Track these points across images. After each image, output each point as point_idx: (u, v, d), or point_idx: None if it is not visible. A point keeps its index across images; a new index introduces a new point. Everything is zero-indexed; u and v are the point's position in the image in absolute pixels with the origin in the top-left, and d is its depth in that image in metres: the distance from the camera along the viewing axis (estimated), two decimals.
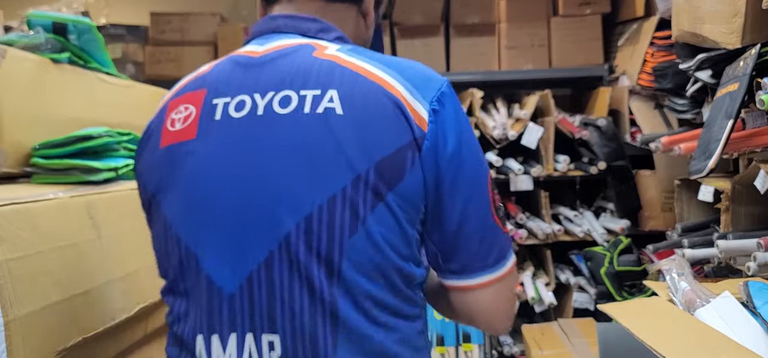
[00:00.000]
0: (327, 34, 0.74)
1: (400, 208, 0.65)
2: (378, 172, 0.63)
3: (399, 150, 0.64)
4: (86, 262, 0.89)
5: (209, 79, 0.73)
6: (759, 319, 1.17)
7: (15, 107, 1.08)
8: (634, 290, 2.60)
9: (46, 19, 1.22)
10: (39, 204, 0.82)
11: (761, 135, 1.73)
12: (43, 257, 0.81)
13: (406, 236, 0.66)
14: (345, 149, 0.63)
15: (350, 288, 0.64)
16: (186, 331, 0.69)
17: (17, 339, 0.75)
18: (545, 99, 2.76)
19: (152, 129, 0.76)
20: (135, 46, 2.95)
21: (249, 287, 0.65)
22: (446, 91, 0.69)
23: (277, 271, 0.64)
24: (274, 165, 0.65)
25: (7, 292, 0.74)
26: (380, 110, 0.65)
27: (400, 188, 0.64)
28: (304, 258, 0.63)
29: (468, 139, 0.69)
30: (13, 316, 0.75)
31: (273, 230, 0.64)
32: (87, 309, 0.89)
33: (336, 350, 0.64)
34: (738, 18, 1.68)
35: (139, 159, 0.77)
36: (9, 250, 0.75)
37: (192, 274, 0.68)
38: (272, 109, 0.66)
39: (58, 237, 0.84)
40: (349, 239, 0.63)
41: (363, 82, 0.66)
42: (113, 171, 1.11)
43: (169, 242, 0.70)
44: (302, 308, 0.64)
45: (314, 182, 0.63)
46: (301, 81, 0.67)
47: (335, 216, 0.63)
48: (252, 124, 0.66)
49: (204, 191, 0.67)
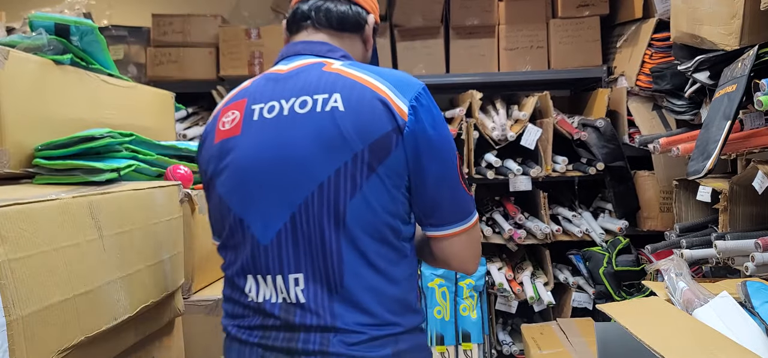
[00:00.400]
0: (334, 54, 0.99)
1: (388, 177, 0.87)
2: (371, 151, 0.86)
3: (386, 134, 0.86)
4: (88, 262, 0.90)
5: (249, 91, 0.98)
6: (757, 318, 1.18)
7: (17, 108, 1.08)
8: (633, 289, 2.61)
9: (49, 21, 1.23)
10: (41, 204, 0.82)
11: (759, 136, 1.73)
12: (45, 257, 0.81)
13: (393, 199, 0.89)
14: (346, 135, 0.86)
15: (352, 238, 0.87)
16: (236, 274, 0.94)
17: (19, 339, 0.76)
18: (544, 100, 2.77)
19: (208, 130, 1.01)
20: (137, 47, 2.95)
21: (278, 239, 0.89)
22: (422, 92, 0.91)
23: (299, 226, 0.88)
24: (295, 150, 0.88)
25: (9, 292, 0.75)
26: (371, 106, 0.87)
27: (388, 162, 0.87)
28: (318, 216, 0.87)
29: (439, 127, 0.91)
30: (15, 316, 0.75)
31: (295, 196, 0.88)
32: (89, 309, 0.89)
33: (342, 284, 0.87)
34: (736, 19, 1.68)
35: (200, 152, 1.02)
36: (11, 250, 0.75)
37: (239, 233, 0.93)
38: (294, 110, 0.90)
39: (60, 237, 0.85)
40: (350, 201, 0.86)
41: (359, 87, 0.89)
42: (115, 171, 1.12)
43: (222, 211, 0.95)
44: (317, 253, 0.87)
45: (324, 160, 0.86)
46: (314, 88, 0.90)
47: (340, 184, 0.86)
48: (279, 122, 0.90)
49: (245, 173, 0.91)
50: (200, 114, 2.99)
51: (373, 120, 0.86)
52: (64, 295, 0.85)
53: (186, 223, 1.35)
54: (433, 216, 0.94)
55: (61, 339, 0.84)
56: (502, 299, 2.72)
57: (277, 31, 2.84)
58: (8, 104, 1.06)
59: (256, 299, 0.92)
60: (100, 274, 0.93)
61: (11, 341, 0.75)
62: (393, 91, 0.89)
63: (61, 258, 0.85)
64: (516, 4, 2.94)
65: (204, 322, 1.39)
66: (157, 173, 1.35)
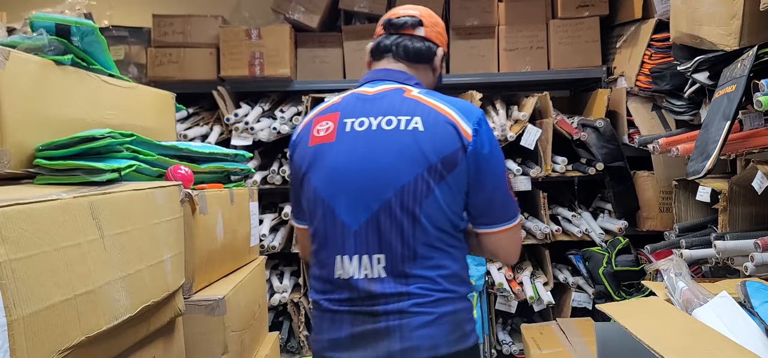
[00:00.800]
0: (410, 81, 1.23)
1: (455, 184, 1.12)
2: (443, 163, 1.10)
3: (455, 151, 1.11)
4: (89, 262, 0.90)
5: (341, 106, 1.21)
6: (756, 318, 1.18)
7: (18, 109, 1.09)
8: (632, 289, 2.61)
9: (49, 22, 1.23)
10: (42, 205, 0.82)
11: (759, 136, 1.74)
12: (46, 257, 0.81)
13: (456, 201, 1.14)
14: (424, 151, 1.10)
15: (424, 229, 1.11)
16: (326, 255, 1.16)
17: (20, 339, 0.76)
18: (544, 101, 2.77)
19: (302, 135, 1.23)
20: (137, 48, 2.95)
21: (366, 227, 1.12)
22: (482, 118, 1.16)
23: (382, 218, 1.11)
24: (381, 159, 1.12)
25: (10, 292, 0.75)
26: (444, 129, 1.12)
27: (455, 173, 1.11)
28: (398, 211, 1.10)
29: (494, 147, 1.16)
30: (16, 316, 0.75)
31: (381, 195, 1.11)
32: (89, 309, 0.89)
33: (415, 262, 1.11)
34: (736, 20, 1.69)
35: (293, 152, 1.25)
36: (12, 250, 0.75)
37: (330, 219, 1.14)
38: (381, 126, 1.14)
39: (61, 237, 0.85)
40: (425, 200, 1.10)
41: (434, 112, 1.14)
42: (116, 172, 1.11)
43: (316, 202, 1.17)
44: (395, 241, 1.11)
45: (405, 168, 1.10)
46: (398, 110, 1.15)
47: (417, 187, 1.10)
48: (368, 135, 1.14)
49: (339, 173, 1.14)
50: (201, 114, 3.00)
51: (446, 139, 1.11)
52: (64, 295, 0.85)
53: (186, 223, 1.35)
54: (485, 216, 1.19)
55: (61, 339, 0.84)
56: (501, 299, 2.73)
57: (278, 31, 2.85)
58: (9, 104, 1.06)
59: (344, 275, 1.13)
60: (101, 274, 0.93)
61: (12, 341, 0.75)
62: (460, 117, 1.13)
63: (61, 258, 0.85)
64: (516, 4, 2.94)
65: (204, 322, 1.39)
66: (157, 173, 1.35)
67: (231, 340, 1.45)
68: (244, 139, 2.77)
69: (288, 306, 2.82)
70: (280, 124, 2.77)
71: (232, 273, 1.69)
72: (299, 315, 2.80)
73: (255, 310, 1.74)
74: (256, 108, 2.88)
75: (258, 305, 1.79)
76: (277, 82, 2.91)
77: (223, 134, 2.84)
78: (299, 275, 2.86)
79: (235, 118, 2.78)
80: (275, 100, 3.03)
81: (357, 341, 1.13)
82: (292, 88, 2.95)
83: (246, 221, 1.81)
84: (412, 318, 1.10)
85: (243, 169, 1.82)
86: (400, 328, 1.10)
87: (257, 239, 1.93)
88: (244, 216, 1.79)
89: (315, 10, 2.97)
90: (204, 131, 2.86)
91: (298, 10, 2.97)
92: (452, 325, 1.13)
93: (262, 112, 2.89)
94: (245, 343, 1.61)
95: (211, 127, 2.89)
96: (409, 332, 1.10)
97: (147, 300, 1.07)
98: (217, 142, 2.79)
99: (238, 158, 1.78)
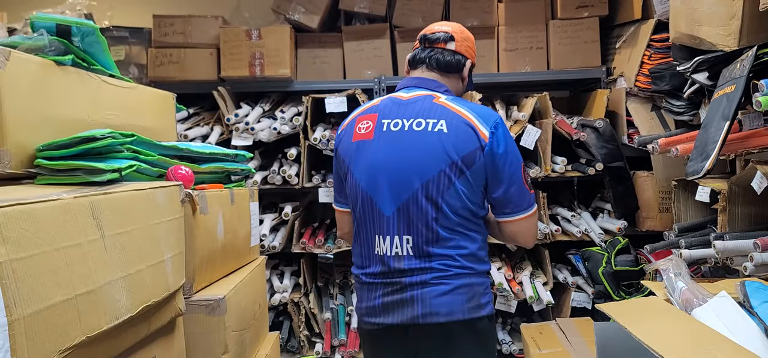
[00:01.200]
0: (439, 88, 1.44)
1: (473, 178, 1.33)
2: (463, 161, 1.32)
3: (473, 150, 1.32)
4: (89, 262, 0.90)
5: (379, 108, 1.43)
6: (756, 318, 1.18)
7: (19, 109, 1.09)
8: (632, 289, 2.61)
9: (50, 22, 1.23)
10: (43, 205, 0.83)
11: (758, 136, 1.74)
12: (46, 257, 0.81)
13: (475, 193, 1.35)
14: (447, 149, 1.32)
15: (446, 216, 1.32)
16: (366, 236, 1.40)
17: (21, 339, 0.76)
18: (543, 101, 2.77)
19: (346, 131, 1.47)
20: (138, 48, 2.95)
21: (397, 213, 1.34)
22: (499, 121, 1.36)
23: (411, 206, 1.33)
24: (412, 155, 1.33)
25: (10, 292, 0.75)
26: (464, 131, 1.33)
27: (473, 169, 1.32)
28: (423, 201, 1.32)
29: (510, 146, 1.36)
30: (16, 315, 0.75)
31: (409, 187, 1.33)
32: (90, 309, 0.89)
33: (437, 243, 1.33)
34: (735, 20, 1.69)
35: (338, 146, 1.48)
36: (13, 250, 0.76)
37: (369, 207, 1.38)
38: (412, 127, 1.36)
39: (62, 237, 0.85)
40: (447, 191, 1.32)
41: (457, 117, 1.35)
42: (117, 172, 1.12)
43: (357, 190, 1.40)
44: (422, 224, 1.32)
45: (431, 164, 1.32)
46: (427, 114, 1.36)
47: (440, 181, 1.32)
48: (402, 134, 1.36)
49: (376, 167, 1.37)
50: (201, 115, 3.00)
51: (466, 140, 1.32)
52: (65, 295, 0.85)
53: (187, 223, 1.35)
54: (504, 207, 1.38)
55: (62, 339, 0.84)
56: (501, 299, 2.73)
57: (278, 31, 2.85)
58: (10, 105, 1.06)
59: (379, 252, 1.37)
60: (102, 274, 0.94)
61: (13, 341, 0.75)
62: (479, 121, 1.34)
63: (62, 258, 0.85)
64: (515, 5, 2.95)
65: (205, 322, 1.39)
66: (158, 174, 1.35)
67: (231, 340, 1.45)
68: (244, 139, 2.77)
69: (288, 306, 2.82)
70: (281, 125, 2.78)
71: (233, 273, 1.69)
72: (299, 315, 2.80)
73: (255, 310, 1.75)
74: (257, 108, 2.88)
75: (258, 305, 1.79)
76: (277, 82, 2.91)
77: (223, 134, 2.84)
78: (299, 275, 2.86)
79: (235, 118, 2.78)
80: (275, 101, 3.03)
81: (387, 308, 1.36)
82: (292, 89, 2.96)
83: (246, 221, 1.81)
84: (432, 288, 1.32)
85: (243, 169, 1.82)
86: (422, 297, 1.32)
87: (257, 239, 1.94)
88: (244, 216, 1.79)
89: (315, 11, 2.97)
90: (204, 131, 2.86)
91: (298, 10, 2.97)
92: (468, 295, 1.33)
93: (263, 112, 2.89)
94: (245, 343, 1.61)
95: (211, 127, 2.89)
96: (429, 300, 1.32)
97: (147, 300, 1.07)
98: (218, 143, 2.80)
99: (238, 158, 1.78)
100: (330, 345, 2.76)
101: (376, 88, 2.86)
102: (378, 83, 2.86)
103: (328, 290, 2.92)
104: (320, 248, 2.75)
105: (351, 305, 2.79)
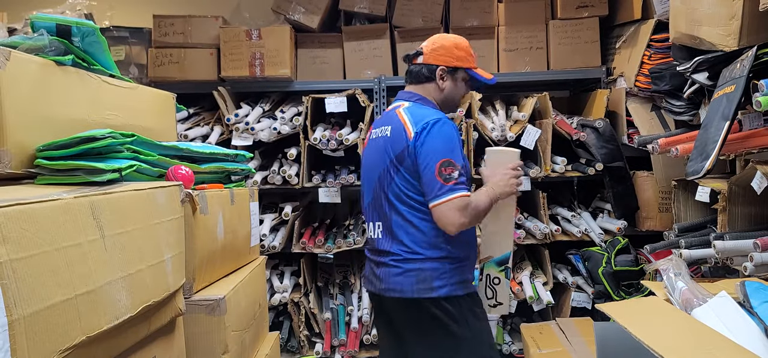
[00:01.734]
0: (412, 98, 1.72)
1: (406, 172, 1.59)
2: (397, 158, 1.60)
3: (402, 149, 1.59)
4: (90, 262, 0.90)
5: (375, 121, 1.80)
6: (755, 318, 1.19)
7: (19, 109, 1.09)
8: (632, 289, 2.61)
9: (50, 22, 1.23)
10: (43, 205, 0.83)
11: (758, 136, 1.74)
12: (46, 257, 0.82)
13: (410, 184, 1.59)
14: (387, 150, 1.63)
15: (393, 206, 1.62)
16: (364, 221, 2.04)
17: (21, 339, 0.76)
18: (543, 101, 2.77)
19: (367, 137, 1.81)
20: (138, 48, 2.95)
21: (372, 203, 1.71)
22: (430, 123, 1.56)
23: (375, 198, 1.68)
24: (373, 157, 1.70)
25: (11, 291, 0.75)
26: (399, 133, 1.61)
27: (405, 165, 1.59)
28: (381, 194, 1.65)
29: (431, 143, 1.55)
30: (17, 315, 0.75)
31: (372, 182, 1.69)
32: (90, 309, 0.89)
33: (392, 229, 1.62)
34: (735, 20, 1.69)
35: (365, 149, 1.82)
36: (13, 250, 0.76)
37: (363, 199, 1.77)
38: (378, 135, 1.70)
39: (62, 237, 0.85)
40: (391, 184, 1.62)
41: (398, 121, 1.63)
42: (117, 172, 1.12)
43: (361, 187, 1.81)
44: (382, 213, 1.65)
45: (380, 163, 1.65)
46: (385, 123, 1.70)
47: (385, 176, 1.63)
48: (373, 141, 1.73)
49: (364, 166, 1.78)
50: (201, 115, 3.00)
51: (399, 140, 1.60)
52: (65, 295, 0.85)
53: (187, 223, 1.35)
54: (427, 194, 1.56)
55: (62, 339, 0.84)
56: None
57: (278, 32, 2.85)
58: (10, 105, 1.06)
59: (368, 234, 1.73)
60: (102, 274, 0.94)
61: (13, 341, 0.75)
62: (411, 123, 1.59)
63: (62, 258, 0.85)
64: (515, 5, 2.95)
65: (205, 322, 1.39)
66: (158, 174, 1.35)
67: (231, 340, 1.45)
68: (244, 139, 2.77)
69: (288, 306, 2.82)
70: (281, 125, 2.78)
71: (233, 273, 1.69)
72: (299, 315, 2.80)
73: (255, 310, 1.75)
74: (257, 108, 2.88)
75: (258, 305, 1.79)
76: (277, 82, 2.91)
77: (223, 134, 2.84)
78: (299, 274, 2.86)
79: (235, 118, 2.78)
80: (275, 101, 3.03)
81: (370, 279, 1.72)
82: (292, 89, 2.96)
83: (246, 221, 1.81)
84: (389, 268, 1.61)
85: (243, 169, 1.82)
86: (384, 274, 1.63)
87: (257, 239, 1.94)
88: (244, 216, 1.79)
89: (315, 11, 2.97)
90: (205, 132, 2.86)
91: (298, 10, 2.97)
92: (417, 278, 1.57)
93: (263, 112, 2.89)
94: (245, 343, 1.61)
95: (211, 127, 2.89)
96: (387, 278, 1.62)
97: (148, 300, 1.07)
98: (218, 143, 2.80)
99: (238, 158, 1.78)
100: (330, 345, 2.76)
101: (376, 88, 2.86)
102: (378, 83, 2.86)
103: (328, 290, 2.92)
104: (320, 248, 2.75)
105: (351, 305, 2.79)
